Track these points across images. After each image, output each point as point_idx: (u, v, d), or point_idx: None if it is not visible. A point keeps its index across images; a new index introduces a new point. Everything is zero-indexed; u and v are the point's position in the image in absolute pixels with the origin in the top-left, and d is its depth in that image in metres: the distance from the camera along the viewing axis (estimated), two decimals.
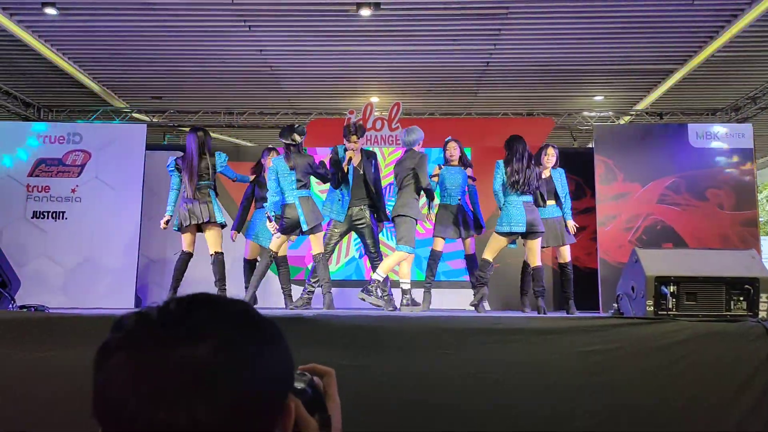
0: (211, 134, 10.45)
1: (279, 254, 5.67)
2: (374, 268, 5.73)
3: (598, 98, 9.20)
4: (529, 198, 5.46)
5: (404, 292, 5.61)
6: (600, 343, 3.41)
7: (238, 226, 6.23)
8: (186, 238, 5.65)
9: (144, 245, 8.04)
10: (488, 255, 5.50)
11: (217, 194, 5.72)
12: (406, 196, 5.50)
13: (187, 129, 10.07)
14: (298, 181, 5.49)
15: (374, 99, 9.10)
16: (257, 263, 6.15)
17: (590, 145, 9.79)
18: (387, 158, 8.60)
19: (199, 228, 5.63)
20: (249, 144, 11.06)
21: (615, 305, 4.28)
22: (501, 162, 5.54)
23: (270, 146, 6.61)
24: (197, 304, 0.63)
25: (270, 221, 5.53)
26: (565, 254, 5.99)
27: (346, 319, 3.71)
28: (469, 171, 6.11)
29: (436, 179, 5.95)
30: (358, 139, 5.69)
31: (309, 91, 8.95)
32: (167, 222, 5.71)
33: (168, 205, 5.68)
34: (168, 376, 0.57)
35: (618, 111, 9.57)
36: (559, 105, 9.41)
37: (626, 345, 3.39)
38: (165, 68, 8.12)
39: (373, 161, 5.88)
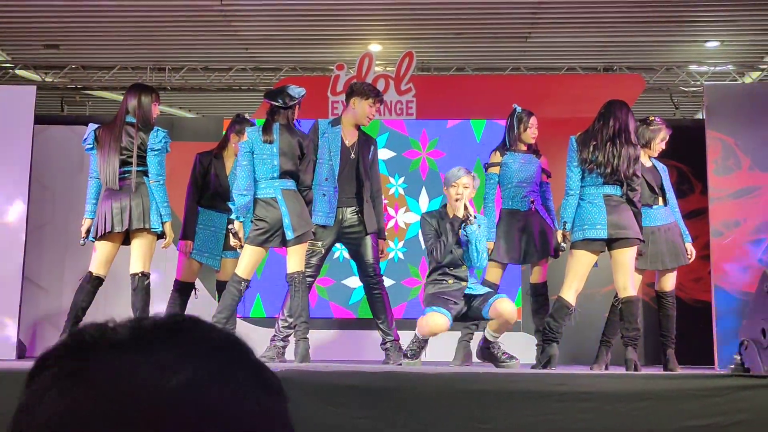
0: None
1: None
2: (375, 300, 5.85)
3: (712, 44, 9.16)
4: (613, 189, 5.44)
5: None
6: (715, 414, 3.38)
7: (188, 233, 6.18)
8: (101, 252, 5.57)
9: (32, 267, 8.03)
10: (568, 293, 5.46)
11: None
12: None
13: (97, 93, 10.14)
14: (282, 166, 5.50)
15: (374, 47, 9.08)
16: (193, 290, 6.16)
17: (699, 116, 9.73)
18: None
19: (127, 236, 5.56)
20: (188, 115, 11.06)
21: (737, 357, 4.24)
22: (574, 138, 5.53)
23: (242, 113, 6.59)
24: (183, 326, 0.70)
25: (232, 234, 5.53)
26: (670, 279, 5.95)
27: (330, 377, 3.69)
28: (543, 161, 6.13)
29: (496, 170, 5.99)
30: (381, 105, 6.07)
31: (277, 36, 8.95)
32: (89, 230, 5.58)
33: (87, 201, 5.61)
34: (125, 407, 0.63)
35: (742, 64, 9.53)
36: (651, 55, 9.36)
37: (754, 417, 3.36)
38: (65, 2, 8.13)
39: (372, 148, 5.99)
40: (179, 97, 10.69)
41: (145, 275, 5.51)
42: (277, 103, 5.57)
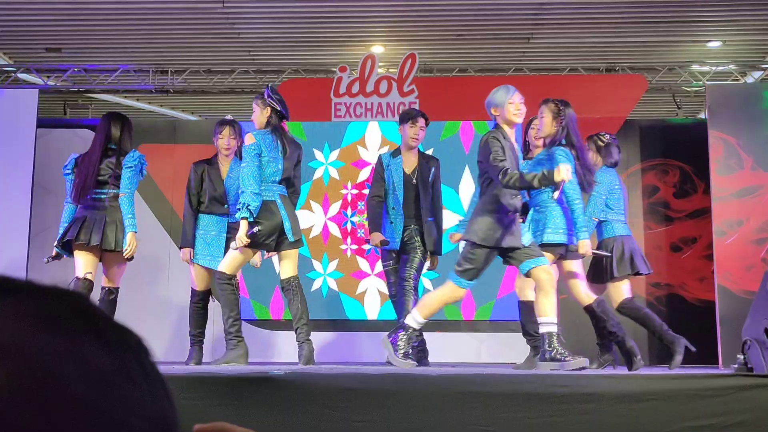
0: (137, 103, 10.61)
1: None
2: (399, 305, 5.99)
3: (714, 44, 9.15)
4: None
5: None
6: (718, 414, 3.37)
7: (186, 241, 6.28)
8: (81, 258, 5.79)
9: (35, 271, 8.04)
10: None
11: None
12: (476, 210, 5.28)
13: (99, 96, 10.14)
14: (284, 171, 5.57)
15: (377, 49, 9.08)
16: (210, 296, 6.27)
17: (702, 116, 9.72)
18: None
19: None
20: (191, 117, 11.06)
21: (740, 356, 4.24)
22: (564, 150, 5.31)
23: (228, 117, 6.65)
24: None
25: (248, 236, 5.45)
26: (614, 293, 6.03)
27: (332, 379, 3.70)
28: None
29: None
30: (425, 126, 6.20)
31: (279, 38, 8.95)
32: (57, 255, 5.93)
33: (61, 225, 5.92)
34: None
35: (744, 64, 9.52)
36: (653, 56, 9.35)
37: (757, 416, 3.36)
38: (66, 6, 8.15)
39: (433, 169, 6.25)
40: (181, 100, 10.69)
41: (112, 290, 5.87)
42: (278, 108, 5.61)
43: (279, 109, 5.62)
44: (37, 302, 0.59)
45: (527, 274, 5.08)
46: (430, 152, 7.08)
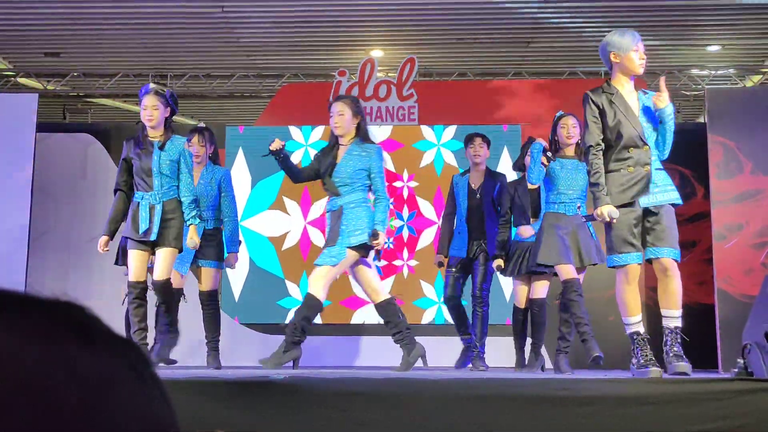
0: (137, 107, 10.59)
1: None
2: (475, 317, 6.40)
3: (713, 48, 9.16)
4: None
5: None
6: (717, 419, 3.37)
7: None
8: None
9: (35, 274, 8.04)
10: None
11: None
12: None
13: (98, 101, 10.15)
14: None
15: (376, 53, 9.09)
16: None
17: (701, 119, 9.73)
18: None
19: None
20: (190, 122, 11.06)
21: (740, 360, 4.23)
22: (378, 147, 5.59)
23: (201, 125, 6.77)
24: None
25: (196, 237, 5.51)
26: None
27: (333, 383, 3.70)
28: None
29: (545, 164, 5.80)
30: (485, 143, 6.52)
31: (278, 42, 8.96)
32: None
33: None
34: None
35: (743, 68, 9.53)
36: (653, 59, 9.34)
37: (757, 421, 3.35)
38: (65, 10, 8.15)
39: (498, 184, 6.51)
40: (181, 105, 10.59)
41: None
42: (175, 114, 5.61)
43: (175, 114, 5.61)
44: (28, 315, 0.60)
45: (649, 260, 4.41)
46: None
